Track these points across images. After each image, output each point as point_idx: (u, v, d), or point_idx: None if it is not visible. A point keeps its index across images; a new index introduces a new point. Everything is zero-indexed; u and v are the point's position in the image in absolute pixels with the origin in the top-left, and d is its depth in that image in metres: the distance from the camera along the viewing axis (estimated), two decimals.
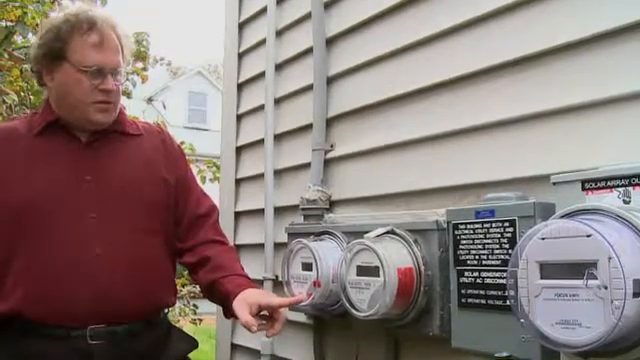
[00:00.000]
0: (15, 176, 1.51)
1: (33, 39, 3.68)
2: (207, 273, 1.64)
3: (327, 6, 2.13)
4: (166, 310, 1.70)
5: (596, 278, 0.93)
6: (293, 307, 1.86)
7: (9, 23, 3.40)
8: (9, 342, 1.47)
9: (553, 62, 1.37)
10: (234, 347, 2.61)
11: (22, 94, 3.58)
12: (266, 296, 1.58)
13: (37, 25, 3.34)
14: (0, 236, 1.49)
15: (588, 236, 0.94)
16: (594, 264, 0.94)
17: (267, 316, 1.54)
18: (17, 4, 3.20)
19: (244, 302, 1.50)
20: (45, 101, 1.65)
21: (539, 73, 1.40)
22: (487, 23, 1.53)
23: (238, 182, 2.69)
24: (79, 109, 1.54)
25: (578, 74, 1.31)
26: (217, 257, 1.66)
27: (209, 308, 4.78)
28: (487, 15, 1.52)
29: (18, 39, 3.80)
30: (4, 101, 3.06)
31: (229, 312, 1.56)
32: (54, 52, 1.53)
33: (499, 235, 1.28)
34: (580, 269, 0.96)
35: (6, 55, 3.35)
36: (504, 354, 1.16)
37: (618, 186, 1.05)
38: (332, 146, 2.05)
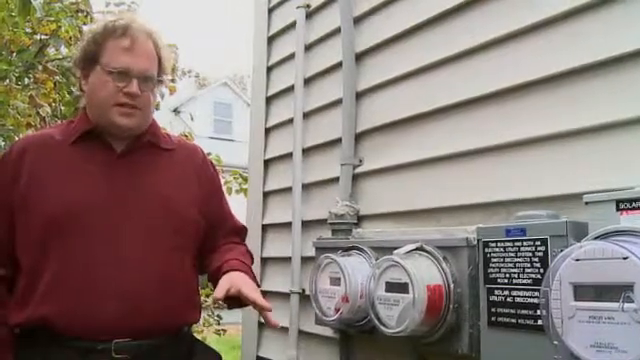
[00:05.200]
0: (50, 184, 1.52)
1: (66, 51, 3.77)
2: (212, 263, 1.67)
3: (356, 21, 2.14)
4: (189, 325, 1.70)
5: (632, 301, 0.92)
6: (320, 321, 1.87)
7: (43, 36, 3.48)
8: (35, 352, 1.47)
9: (586, 80, 1.36)
10: None
11: (53, 105, 3.65)
12: (248, 287, 1.53)
13: (70, 38, 3.41)
14: (33, 244, 1.50)
15: (624, 258, 0.94)
16: (630, 287, 0.93)
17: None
18: (52, 18, 3.27)
19: (229, 280, 1.51)
20: (82, 109, 1.65)
21: (573, 91, 1.39)
22: (520, 39, 1.53)
23: (266, 195, 2.70)
24: (104, 111, 1.54)
25: (612, 92, 1.31)
26: (224, 250, 1.69)
27: (233, 318, 4.79)
28: (520, 31, 1.52)
29: (51, 51, 3.88)
30: (38, 113, 3.12)
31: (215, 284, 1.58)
32: (89, 56, 1.55)
33: (530, 254, 1.27)
34: (616, 292, 0.95)
35: (40, 67, 3.43)
36: None
37: None
38: (361, 161, 2.06)
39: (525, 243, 1.28)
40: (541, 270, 1.23)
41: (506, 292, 1.31)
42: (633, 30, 1.26)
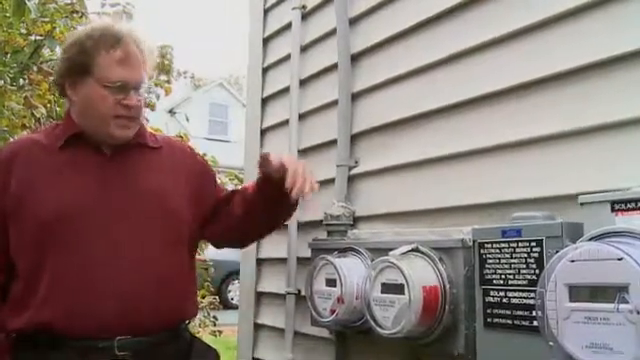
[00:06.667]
0: (42, 188, 1.52)
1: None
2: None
3: (352, 22, 2.14)
4: (187, 321, 1.71)
5: (628, 302, 0.93)
6: (316, 322, 1.87)
7: (38, 37, 3.47)
8: (37, 354, 1.48)
9: (582, 82, 1.37)
10: None
11: (49, 106, 3.64)
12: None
13: (65, 39, 3.40)
14: (28, 248, 1.50)
15: (619, 259, 0.94)
16: (625, 288, 0.93)
17: None
18: (47, 19, 3.27)
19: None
20: (66, 113, 1.66)
21: (569, 92, 1.39)
22: (516, 40, 1.53)
23: None
24: (101, 123, 1.55)
25: (607, 93, 1.31)
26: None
27: (229, 319, 4.77)
28: (516, 32, 1.52)
29: (46, 52, 3.86)
30: (33, 114, 3.12)
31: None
32: (78, 67, 1.54)
33: (526, 255, 1.27)
34: (611, 293, 0.95)
35: (35, 68, 3.42)
36: None
37: None
38: (356, 162, 2.06)
39: (521, 244, 1.28)
40: (536, 271, 1.23)
41: (502, 293, 1.31)
42: (630, 31, 1.27)
